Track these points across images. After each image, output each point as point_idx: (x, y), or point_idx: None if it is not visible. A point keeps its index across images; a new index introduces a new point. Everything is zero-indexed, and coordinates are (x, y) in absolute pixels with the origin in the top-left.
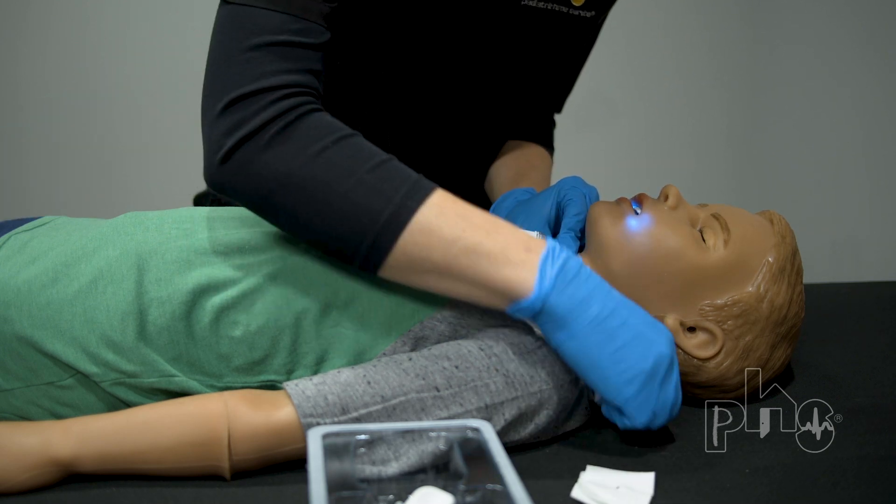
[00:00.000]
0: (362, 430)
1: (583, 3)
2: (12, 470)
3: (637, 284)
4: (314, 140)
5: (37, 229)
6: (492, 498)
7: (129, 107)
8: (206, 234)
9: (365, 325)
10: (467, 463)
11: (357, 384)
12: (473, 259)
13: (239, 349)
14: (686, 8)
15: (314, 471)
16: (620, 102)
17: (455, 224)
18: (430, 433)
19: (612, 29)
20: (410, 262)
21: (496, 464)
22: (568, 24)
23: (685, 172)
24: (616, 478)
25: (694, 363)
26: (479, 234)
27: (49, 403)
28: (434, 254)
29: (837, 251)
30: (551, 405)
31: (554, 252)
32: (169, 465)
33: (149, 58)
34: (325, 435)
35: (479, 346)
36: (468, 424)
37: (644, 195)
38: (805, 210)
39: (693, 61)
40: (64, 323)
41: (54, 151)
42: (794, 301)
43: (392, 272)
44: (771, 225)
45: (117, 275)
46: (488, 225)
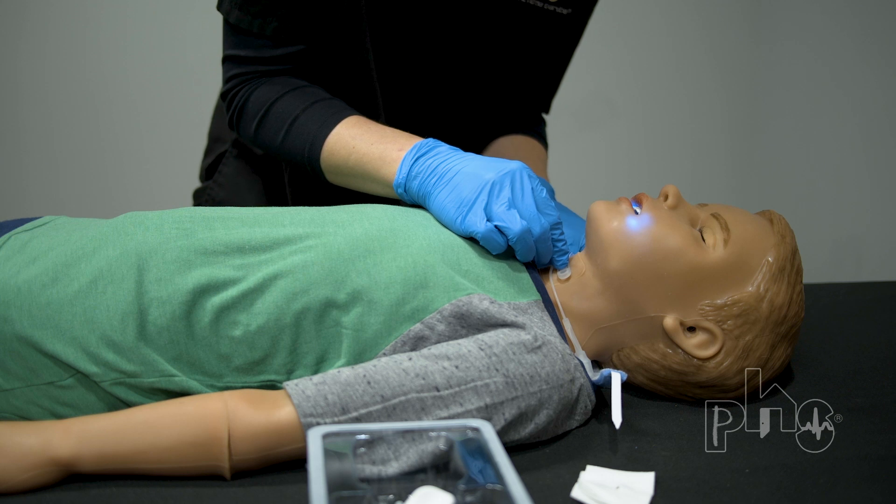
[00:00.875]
0: (362, 430)
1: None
2: (12, 470)
3: (637, 284)
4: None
5: (37, 229)
6: (492, 497)
7: (129, 107)
8: (206, 234)
9: (365, 325)
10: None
11: (357, 384)
12: (364, 162)
13: (239, 349)
14: (686, 8)
15: (314, 471)
16: (620, 102)
17: (347, 142)
18: (430, 433)
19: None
20: (332, 170)
21: (496, 463)
22: (543, 19)
23: (685, 172)
24: (616, 478)
25: (694, 363)
26: (366, 145)
27: (49, 403)
28: (342, 162)
29: (837, 251)
30: (551, 405)
31: (416, 148)
32: (169, 465)
33: (149, 58)
34: (325, 435)
35: (479, 346)
36: (468, 424)
37: (644, 195)
38: (805, 210)
39: (693, 61)
40: (64, 323)
41: (54, 151)
42: (794, 301)
43: (330, 177)
44: (771, 224)
45: (117, 275)
46: (375, 137)
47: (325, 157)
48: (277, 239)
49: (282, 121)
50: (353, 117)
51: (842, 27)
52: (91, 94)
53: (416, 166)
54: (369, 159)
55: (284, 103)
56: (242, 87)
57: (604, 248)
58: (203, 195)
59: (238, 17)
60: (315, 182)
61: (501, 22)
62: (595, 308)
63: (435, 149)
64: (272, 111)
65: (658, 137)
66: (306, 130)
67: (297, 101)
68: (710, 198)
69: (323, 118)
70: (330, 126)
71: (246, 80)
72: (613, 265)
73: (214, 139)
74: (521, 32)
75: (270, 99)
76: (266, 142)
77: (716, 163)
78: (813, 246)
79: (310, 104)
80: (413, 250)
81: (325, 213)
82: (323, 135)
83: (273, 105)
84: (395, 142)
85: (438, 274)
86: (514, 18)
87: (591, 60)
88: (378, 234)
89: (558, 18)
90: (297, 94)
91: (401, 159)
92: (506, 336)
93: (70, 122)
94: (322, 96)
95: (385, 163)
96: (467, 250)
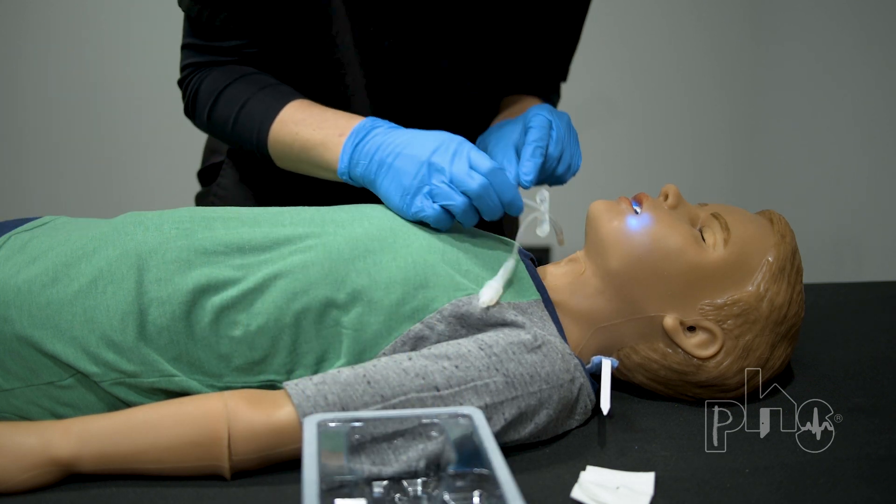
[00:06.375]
0: (356, 418)
1: None
2: (12, 470)
3: (636, 283)
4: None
5: (37, 229)
6: (479, 482)
7: (129, 107)
8: (206, 234)
9: (365, 325)
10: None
11: (357, 384)
12: (308, 149)
13: (239, 349)
14: (686, 8)
15: (308, 456)
16: (620, 102)
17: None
18: (430, 433)
19: (613, 29)
20: (280, 157)
21: (485, 449)
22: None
23: (685, 172)
24: (616, 478)
25: (694, 363)
26: (308, 130)
27: (49, 403)
28: (287, 149)
29: (837, 251)
30: (551, 405)
31: (353, 134)
32: (169, 465)
33: (149, 58)
34: (320, 423)
35: (479, 345)
36: (459, 412)
37: (644, 194)
38: (805, 210)
39: (693, 61)
40: (64, 323)
41: (54, 151)
42: (794, 300)
43: (280, 164)
44: (771, 224)
45: (117, 275)
46: (317, 122)
47: (271, 144)
48: (277, 239)
49: (230, 108)
50: (296, 101)
51: (842, 27)
52: (91, 94)
53: (356, 153)
54: (312, 145)
55: (233, 90)
56: (195, 75)
57: (604, 247)
58: (207, 197)
59: (189, 7)
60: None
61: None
62: (595, 307)
63: (373, 130)
64: (222, 98)
65: (658, 137)
66: (253, 117)
67: (245, 88)
68: (710, 198)
69: (268, 104)
70: (275, 111)
71: (199, 68)
72: (613, 264)
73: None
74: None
75: (220, 86)
76: (219, 129)
77: (716, 163)
78: (813, 246)
79: (257, 90)
80: (413, 250)
81: (325, 213)
82: (269, 120)
83: (223, 92)
84: (336, 126)
85: (438, 274)
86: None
87: (591, 60)
88: (378, 233)
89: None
90: (246, 81)
91: (342, 144)
92: (506, 336)
93: (70, 122)
94: (269, 82)
95: (327, 149)
96: (467, 250)
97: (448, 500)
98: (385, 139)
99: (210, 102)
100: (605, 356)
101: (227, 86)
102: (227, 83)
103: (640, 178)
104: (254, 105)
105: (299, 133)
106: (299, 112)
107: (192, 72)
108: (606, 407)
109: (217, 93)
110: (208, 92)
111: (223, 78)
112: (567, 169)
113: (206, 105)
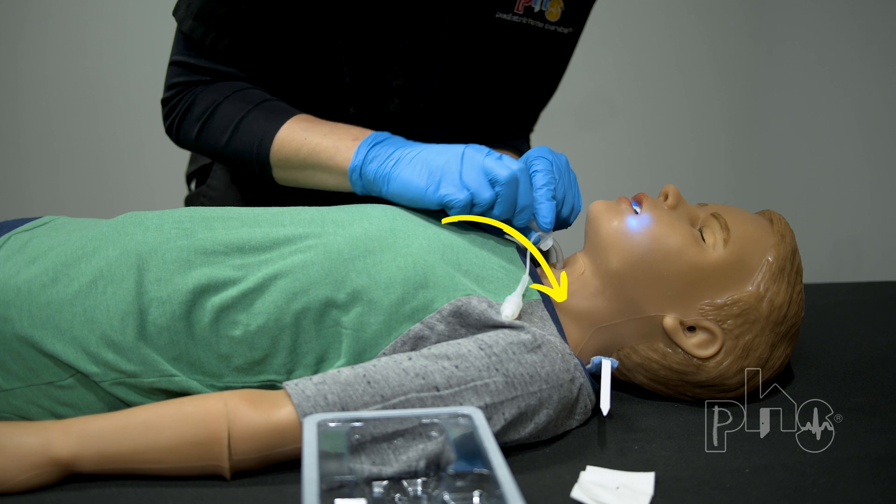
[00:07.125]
0: (356, 418)
1: (558, 19)
2: (12, 470)
3: (636, 283)
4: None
5: (37, 229)
6: (479, 482)
7: (129, 107)
8: (206, 234)
9: (365, 324)
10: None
11: (357, 384)
12: (318, 152)
13: (239, 349)
14: (686, 8)
15: (307, 456)
16: (620, 102)
17: (298, 135)
18: (430, 433)
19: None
20: (282, 163)
21: (484, 448)
22: (543, 39)
23: (685, 172)
24: (616, 478)
25: (694, 362)
26: (318, 136)
27: (49, 403)
28: (293, 154)
29: (837, 251)
30: (551, 405)
31: (372, 136)
32: (169, 465)
33: (148, 58)
34: (319, 423)
35: (479, 345)
36: (459, 412)
37: (644, 195)
38: (805, 210)
39: (693, 61)
40: (64, 323)
41: (54, 151)
42: (794, 300)
43: (278, 173)
44: (770, 224)
45: (117, 275)
46: (327, 129)
47: (275, 150)
48: (277, 239)
49: (228, 121)
50: (302, 114)
51: (842, 27)
52: (91, 94)
53: (373, 151)
54: (322, 148)
55: (230, 105)
56: (186, 93)
57: (604, 247)
58: (196, 199)
59: (191, 28)
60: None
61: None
62: (595, 307)
63: (391, 138)
64: (217, 113)
65: (658, 137)
66: (254, 128)
67: (242, 103)
68: (710, 198)
69: (272, 115)
70: (280, 121)
71: (190, 87)
72: (613, 265)
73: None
74: (521, 54)
75: (216, 101)
76: (209, 143)
77: (716, 163)
78: (813, 246)
79: (257, 104)
80: (413, 250)
81: (325, 213)
82: (274, 129)
83: (218, 107)
84: (349, 133)
85: (438, 274)
86: (513, 40)
87: (591, 60)
88: (378, 233)
89: (559, 38)
90: (242, 96)
91: (355, 147)
92: (505, 336)
93: (70, 122)
94: (267, 97)
95: (339, 151)
96: (467, 250)
97: (448, 500)
98: (405, 144)
99: (204, 117)
100: (605, 356)
101: (222, 101)
102: (223, 98)
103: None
104: (255, 117)
105: (308, 139)
106: (307, 122)
107: (183, 90)
108: (606, 407)
109: (212, 107)
110: (202, 108)
111: (217, 94)
112: (571, 211)
113: (197, 121)
